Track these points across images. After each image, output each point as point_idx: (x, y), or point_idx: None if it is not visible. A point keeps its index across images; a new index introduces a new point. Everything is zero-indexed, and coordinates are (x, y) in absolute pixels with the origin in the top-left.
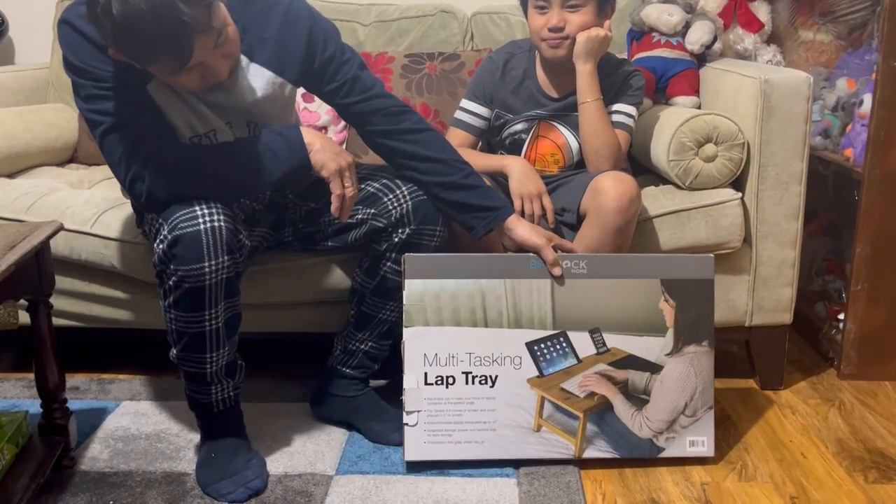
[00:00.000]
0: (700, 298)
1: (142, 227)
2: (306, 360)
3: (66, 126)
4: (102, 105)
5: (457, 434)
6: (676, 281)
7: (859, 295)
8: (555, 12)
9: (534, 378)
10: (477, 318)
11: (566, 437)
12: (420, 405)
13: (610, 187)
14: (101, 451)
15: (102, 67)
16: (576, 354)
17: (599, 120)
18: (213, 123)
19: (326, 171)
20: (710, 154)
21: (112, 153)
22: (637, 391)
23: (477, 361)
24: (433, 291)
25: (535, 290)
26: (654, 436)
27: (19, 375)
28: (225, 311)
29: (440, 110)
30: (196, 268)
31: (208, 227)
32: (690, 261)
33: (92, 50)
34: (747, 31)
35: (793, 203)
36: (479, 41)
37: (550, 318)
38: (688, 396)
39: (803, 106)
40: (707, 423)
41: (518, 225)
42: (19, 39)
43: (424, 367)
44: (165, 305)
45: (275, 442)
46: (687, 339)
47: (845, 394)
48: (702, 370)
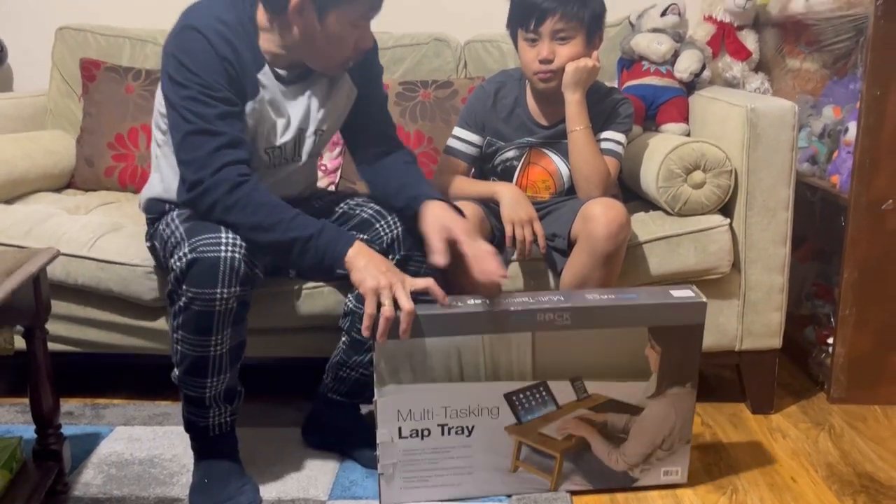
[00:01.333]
0: (688, 342)
1: (151, 242)
2: (299, 385)
3: (63, 153)
4: (200, 109)
5: (433, 479)
6: (665, 328)
7: (847, 320)
8: (545, 44)
9: (511, 426)
10: (452, 374)
11: (542, 475)
12: (395, 457)
13: (600, 213)
14: (95, 477)
15: (217, 78)
16: (555, 401)
17: (588, 148)
18: (286, 135)
19: (362, 287)
20: (698, 181)
21: (189, 152)
22: (616, 431)
23: (453, 414)
24: (405, 351)
25: (515, 344)
26: (630, 468)
27: (12, 400)
28: (231, 338)
29: (434, 137)
30: (208, 293)
31: (228, 257)
32: (683, 307)
33: (215, 61)
34: (735, 59)
35: (780, 229)
36: (472, 69)
37: (530, 369)
38: (666, 433)
39: (789, 134)
40: (683, 454)
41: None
42: (18, 67)
43: (398, 423)
44: (174, 325)
45: (268, 467)
46: (670, 383)
47: (835, 418)
48: (682, 409)
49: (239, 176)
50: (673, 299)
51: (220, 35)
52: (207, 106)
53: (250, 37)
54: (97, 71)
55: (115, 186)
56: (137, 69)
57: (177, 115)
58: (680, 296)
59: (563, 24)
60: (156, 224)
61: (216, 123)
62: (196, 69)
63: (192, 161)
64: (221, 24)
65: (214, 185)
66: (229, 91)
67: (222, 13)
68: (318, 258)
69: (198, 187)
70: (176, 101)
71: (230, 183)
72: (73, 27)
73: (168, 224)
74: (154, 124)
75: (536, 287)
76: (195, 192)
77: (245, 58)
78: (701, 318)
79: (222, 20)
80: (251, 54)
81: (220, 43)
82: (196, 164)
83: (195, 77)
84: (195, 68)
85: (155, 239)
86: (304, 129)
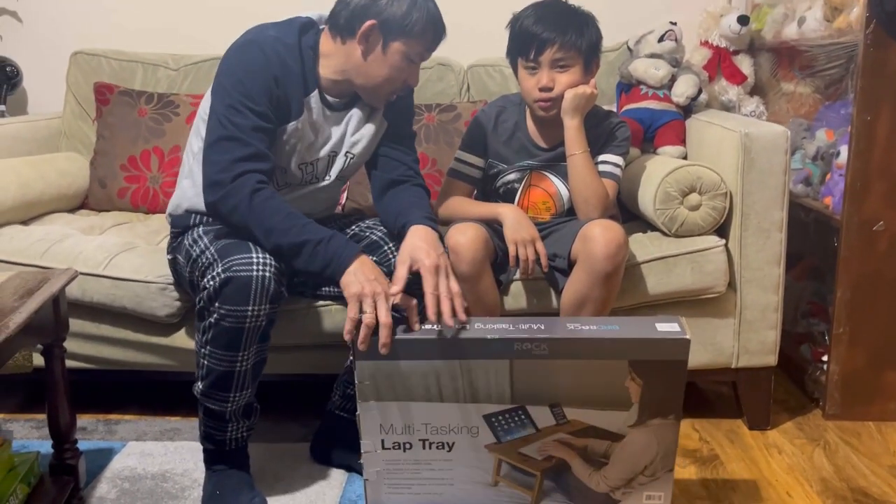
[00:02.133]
0: (671, 378)
1: (172, 255)
2: (307, 402)
3: (77, 174)
4: (237, 118)
5: (416, 487)
6: (646, 362)
7: (841, 338)
8: (544, 72)
9: (492, 444)
10: (431, 394)
11: (523, 490)
12: (378, 466)
13: (598, 234)
14: (109, 491)
15: (260, 93)
16: (535, 425)
17: (587, 171)
18: (320, 153)
19: (346, 292)
20: (694, 203)
21: (217, 153)
22: (596, 455)
23: (434, 431)
24: (385, 372)
25: (493, 370)
26: (611, 491)
27: (27, 416)
28: (255, 354)
29: (437, 159)
30: (240, 310)
31: (259, 276)
32: (664, 343)
33: (266, 77)
34: (731, 83)
35: (774, 249)
36: (474, 93)
37: (509, 394)
38: (648, 460)
39: (782, 158)
40: (666, 481)
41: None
42: (32, 90)
43: (381, 435)
44: (202, 341)
45: (276, 481)
46: (652, 414)
47: (830, 434)
48: (665, 439)
49: (257, 183)
50: (655, 334)
51: (277, 55)
52: (244, 117)
53: (308, 62)
54: (111, 95)
55: (127, 207)
56: (150, 93)
57: (216, 118)
58: (664, 330)
59: (561, 54)
60: (180, 238)
61: (248, 134)
62: (245, 79)
63: (217, 162)
64: (283, 45)
65: (234, 189)
66: (268, 108)
67: (286, 36)
68: (325, 264)
69: (217, 189)
70: (218, 106)
71: (249, 188)
72: (88, 52)
73: (196, 241)
74: (194, 131)
75: (539, 305)
76: (216, 194)
77: (296, 80)
78: (683, 354)
79: (284, 42)
80: (303, 78)
81: (276, 62)
82: (220, 166)
83: (241, 87)
84: (244, 78)
85: (178, 252)
86: (336, 151)
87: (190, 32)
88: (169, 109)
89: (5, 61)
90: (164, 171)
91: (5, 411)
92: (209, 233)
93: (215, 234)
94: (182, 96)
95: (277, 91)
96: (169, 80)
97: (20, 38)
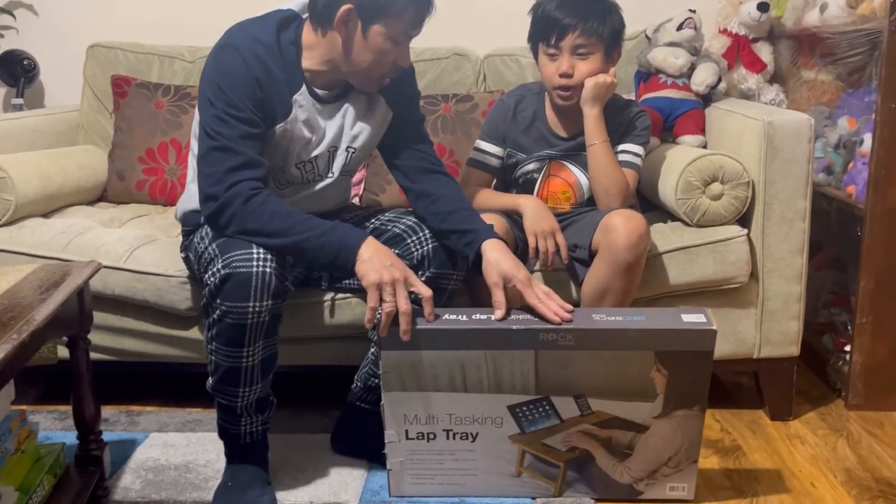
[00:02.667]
0: (696, 368)
1: (185, 253)
2: (327, 392)
3: (96, 167)
4: (223, 128)
5: (439, 477)
6: (672, 352)
7: (864, 328)
8: (564, 59)
9: (515, 435)
10: (456, 384)
11: (546, 481)
12: (402, 455)
13: (620, 225)
14: (133, 482)
15: (244, 99)
16: (559, 416)
17: (607, 160)
18: (318, 150)
19: (365, 281)
20: (716, 193)
21: (209, 166)
22: (621, 447)
23: (458, 421)
24: (410, 362)
25: (518, 360)
26: (635, 482)
27: (50, 407)
28: (263, 350)
29: (455, 150)
30: (241, 306)
31: (260, 272)
32: (691, 334)
33: (245, 81)
34: (750, 71)
35: (797, 239)
36: (491, 83)
37: (533, 384)
38: (672, 452)
39: (805, 146)
40: (690, 472)
41: (488, 254)
42: (50, 83)
43: (405, 425)
44: (208, 337)
45: (299, 472)
46: (677, 405)
47: (853, 424)
48: (689, 431)
49: (251, 190)
50: (681, 325)
51: (255, 55)
52: (230, 126)
53: (290, 58)
54: (128, 87)
55: (145, 200)
56: (167, 85)
57: (203, 130)
58: (690, 321)
59: (583, 40)
60: (191, 236)
61: (237, 143)
62: (226, 87)
63: (210, 174)
64: (259, 44)
65: (229, 200)
66: (253, 113)
67: (262, 34)
68: (334, 254)
69: (212, 201)
70: (204, 118)
71: (243, 196)
72: (104, 45)
73: (202, 238)
74: (193, 135)
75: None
76: (211, 206)
77: (279, 79)
78: (710, 345)
79: (261, 41)
80: (287, 76)
81: (255, 63)
82: (213, 178)
83: (223, 95)
84: (225, 86)
85: (189, 251)
86: (336, 147)
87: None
88: (186, 101)
89: (22, 55)
90: (181, 164)
91: (28, 402)
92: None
93: None
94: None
95: (261, 94)
96: (185, 72)
97: (36, 31)
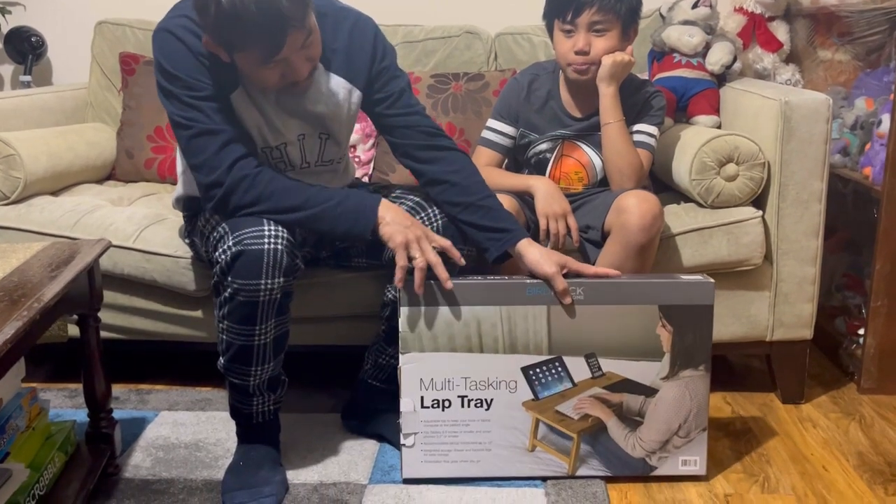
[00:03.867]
0: (698, 323)
1: (189, 238)
2: (338, 372)
3: (105, 145)
4: (192, 113)
5: (453, 454)
6: (675, 307)
7: (879, 311)
8: (581, 36)
9: (529, 401)
10: (472, 343)
11: (560, 456)
12: (417, 427)
13: (633, 206)
14: (144, 460)
15: (197, 76)
16: (571, 378)
17: (622, 140)
18: (286, 136)
19: (392, 242)
20: (731, 173)
21: (196, 156)
22: (631, 413)
23: (472, 386)
24: (428, 318)
25: (531, 317)
26: (647, 455)
27: (60, 385)
28: (275, 328)
29: (465, 129)
30: (252, 284)
31: (271, 249)
32: (690, 286)
33: (189, 59)
34: (766, 50)
35: (813, 221)
36: (502, 61)
37: (546, 343)
38: (682, 419)
39: (823, 127)
40: (700, 443)
41: (529, 250)
42: (57, 60)
43: (421, 392)
44: (219, 315)
45: (309, 452)
46: (683, 364)
47: (865, 408)
48: (697, 394)
49: (253, 168)
50: (681, 279)
51: (189, 31)
52: (197, 109)
53: None
54: (136, 65)
55: (154, 178)
56: None
57: (175, 122)
58: (689, 278)
59: (599, 17)
60: (194, 220)
61: (213, 122)
62: (175, 70)
63: (202, 164)
64: (190, 20)
65: (235, 183)
66: (211, 87)
67: (190, 10)
68: (351, 221)
69: (217, 188)
70: (170, 110)
71: (250, 176)
72: (112, 21)
73: (209, 220)
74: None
75: None
76: (217, 193)
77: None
78: (709, 298)
79: (191, 17)
80: None
81: (191, 38)
82: (207, 167)
83: (177, 80)
84: (174, 70)
85: (194, 235)
86: (304, 133)
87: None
88: None
89: (30, 31)
90: None
91: (39, 381)
92: None
93: None
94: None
95: (207, 62)
96: None
97: (44, 7)
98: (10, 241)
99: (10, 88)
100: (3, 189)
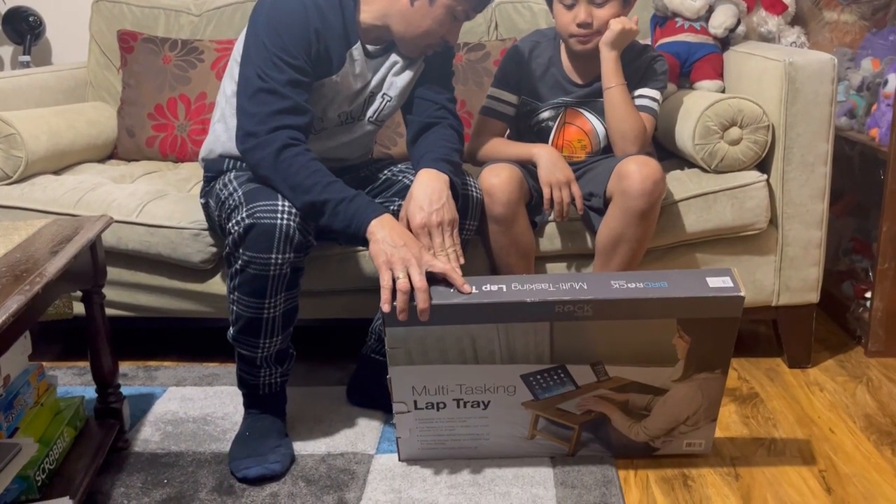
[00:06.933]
0: (721, 335)
1: (205, 199)
2: (343, 346)
3: (105, 123)
4: (274, 73)
5: (450, 442)
6: (696, 320)
7: (886, 273)
8: (582, 7)
9: (529, 401)
10: (467, 357)
11: (560, 442)
12: (411, 424)
13: (634, 171)
14: (153, 434)
15: (297, 47)
16: (574, 383)
17: (624, 104)
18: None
19: (375, 261)
20: (735, 137)
21: (255, 105)
22: (638, 409)
23: (468, 391)
24: (417, 336)
25: (532, 331)
26: (651, 440)
27: (69, 363)
28: (284, 302)
29: (467, 100)
30: (263, 257)
31: (284, 224)
32: (717, 301)
33: (301, 28)
34: (771, 13)
35: (818, 184)
36: (503, 31)
37: (548, 354)
38: (691, 412)
39: (828, 87)
40: (707, 429)
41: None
42: (56, 39)
43: (413, 397)
44: (230, 287)
45: (316, 423)
46: (699, 369)
47: (873, 371)
48: (710, 392)
49: (290, 139)
50: (707, 291)
51: (315, 5)
52: (281, 71)
53: (348, 12)
54: (134, 42)
55: (156, 156)
56: (173, 39)
57: (253, 70)
58: (716, 286)
59: None
60: (212, 183)
61: (286, 88)
62: (282, 32)
63: (254, 114)
64: None
65: (267, 142)
66: (306, 62)
67: None
68: (347, 223)
69: (250, 139)
70: (255, 58)
71: (280, 143)
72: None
73: (226, 185)
74: (228, 74)
75: (574, 247)
76: (248, 143)
77: (336, 32)
78: (737, 311)
79: None
80: (344, 30)
81: (315, 13)
82: (257, 118)
83: (279, 40)
84: (282, 31)
85: (210, 197)
86: (374, 93)
87: None
88: (193, 56)
89: (28, 11)
90: (191, 119)
91: (48, 359)
92: (240, 177)
93: (247, 178)
94: (206, 42)
95: (317, 45)
96: (192, 26)
97: None
98: (14, 219)
99: (10, 69)
100: (5, 168)
